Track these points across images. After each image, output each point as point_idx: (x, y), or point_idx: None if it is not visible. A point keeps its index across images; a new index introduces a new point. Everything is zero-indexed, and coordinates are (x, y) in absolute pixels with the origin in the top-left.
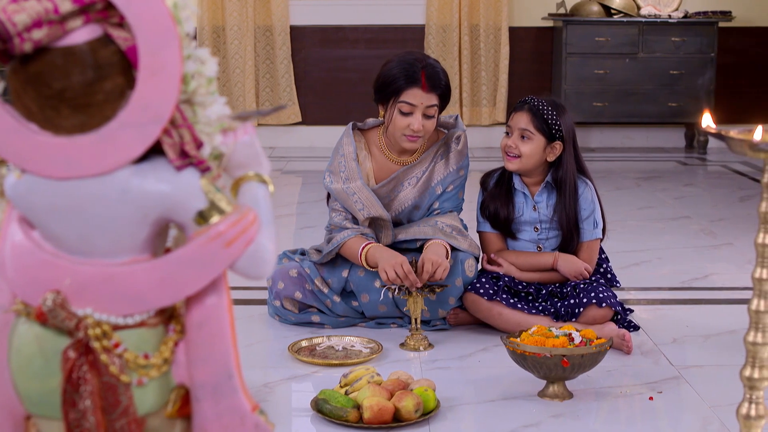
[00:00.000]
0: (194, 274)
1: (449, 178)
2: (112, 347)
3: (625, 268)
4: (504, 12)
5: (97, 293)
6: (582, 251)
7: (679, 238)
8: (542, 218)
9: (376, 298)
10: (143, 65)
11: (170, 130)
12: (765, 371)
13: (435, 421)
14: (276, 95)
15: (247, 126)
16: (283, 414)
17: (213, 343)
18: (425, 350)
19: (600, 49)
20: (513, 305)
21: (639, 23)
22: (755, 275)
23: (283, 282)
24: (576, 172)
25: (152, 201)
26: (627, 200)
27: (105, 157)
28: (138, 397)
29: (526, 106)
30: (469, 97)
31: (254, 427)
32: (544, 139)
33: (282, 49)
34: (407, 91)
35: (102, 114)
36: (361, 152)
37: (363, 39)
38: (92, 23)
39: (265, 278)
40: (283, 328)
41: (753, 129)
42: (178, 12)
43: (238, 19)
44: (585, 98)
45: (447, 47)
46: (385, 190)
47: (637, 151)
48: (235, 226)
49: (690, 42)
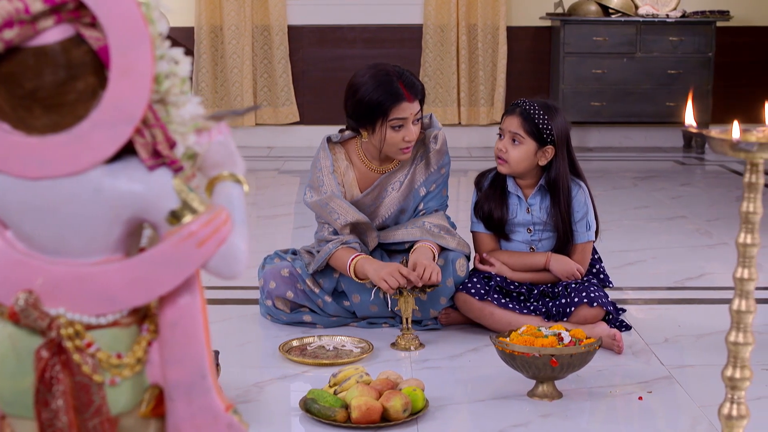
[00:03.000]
0: (166, 274)
1: (432, 179)
2: (84, 347)
3: (619, 268)
4: (502, 11)
5: (70, 293)
6: (575, 253)
7: (675, 238)
8: (536, 220)
9: (368, 299)
10: (114, 65)
11: (142, 130)
12: (746, 371)
13: (423, 420)
14: (274, 95)
15: (221, 126)
16: (272, 413)
17: (186, 342)
18: (416, 350)
19: (598, 48)
20: (504, 305)
21: (637, 23)
22: (736, 275)
23: (275, 282)
24: (569, 175)
25: (124, 200)
26: (623, 200)
27: (77, 156)
28: (111, 396)
29: (518, 109)
30: (467, 96)
31: (227, 426)
32: (535, 143)
33: (280, 49)
34: (395, 108)
35: (74, 114)
36: (342, 163)
37: (361, 39)
38: (64, 23)
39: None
40: (274, 328)
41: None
42: (150, 12)
43: (236, 19)
44: (583, 98)
45: (445, 47)
46: (370, 198)
47: (635, 150)
48: (207, 225)
49: (688, 41)
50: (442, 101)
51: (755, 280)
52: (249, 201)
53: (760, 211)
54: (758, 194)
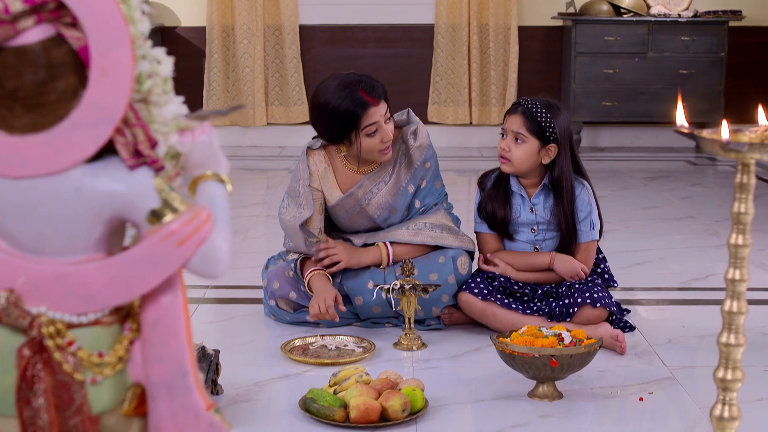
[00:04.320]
0: (146, 273)
1: (418, 175)
2: (65, 345)
3: (626, 268)
4: (513, 11)
5: (51, 292)
6: (579, 253)
7: (683, 238)
8: (539, 220)
9: (370, 300)
10: (95, 65)
11: (123, 130)
12: (738, 372)
13: (422, 420)
14: (285, 94)
15: (205, 125)
16: (272, 413)
17: (168, 341)
18: (418, 350)
19: (609, 48)
20: (507, 305)
21: (648, 22)
22: (728, 276)
23: (279, 282)
24: (573, 174)
25: (105, 200)
26: (633, 200)
27: (58, 156)
28: (92, 395)
29: (520, 108)
30: (478, 96)
31: (208, 425)
32: (538, 142)
33: (291, 49)
34: (364, 116)
35: (55, 113)
36: (321, 166)
37: (372, 38)
38: (44, 23)
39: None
40: (277, 328)
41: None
42: (131, 11)
43: (248, 19)
44: (594, 98)
45: (456, 46)
46: (354, 199)
47: (647, 150)
48: (187, 225)
49: (700, 41)
50: (454, 101)
51: (747, 281)
52: (259, 200)
53: (751, 211)
54: (749, 195)
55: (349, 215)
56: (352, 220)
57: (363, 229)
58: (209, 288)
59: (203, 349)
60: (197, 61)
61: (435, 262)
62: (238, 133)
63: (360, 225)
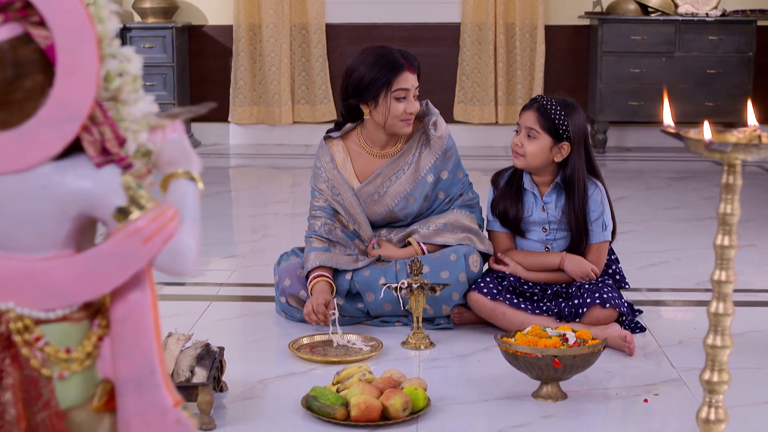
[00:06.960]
0: (112, 270)
1: (439, 165)
2: (33, 341)
3: (642, 269)
4: (540, 10)
5: (19, 288)
6: (590, 253)
7: (702, 239)
8: (551, 219)
9: (380, 296)
10: (60, 64)
11: (90, 128)
12: (725, 375)
13: (423, 420)
14: (311, 93)
15: (176, 124)
16: (274, 410)
17: (136, 338)
18: (426, 349)
19: (636, 47)
20: (516, 305)
21: (676, 22)
22: (714, 277)
23: (290, 279)
24: (586, 174)
25: (72, 197)
26: (655, 200)
27: (25, 154)
28: (60, 390)
29: (535, 104)
30: (504, 95)
31: (175, 422)
32: (550, 139)
33: (317, 47)
34: (398, 77)
35: (22, 111)
36: (339, 155)
37: (398, 37)
38: (12, 22)
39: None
40: (288, 325)
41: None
42: (99, 11)
43: (274, 18)
44: (621, 97)
45: (482, 45)
46: (372, 187)
47: (673, 150)
48: (153, 222)
49: (727, 41)
50: (480, 100)
51: (733, 283)
52: (283, 198)
53: (737, 212)
54: (735, 195)
55: (367, 205)
56: (370, 210)
57: (379, 219)
58: (223, 286)
59: (207, 346)
60: (224, 60)
61: (446, 259)
62: (264, 131)
63: (377, 216)
